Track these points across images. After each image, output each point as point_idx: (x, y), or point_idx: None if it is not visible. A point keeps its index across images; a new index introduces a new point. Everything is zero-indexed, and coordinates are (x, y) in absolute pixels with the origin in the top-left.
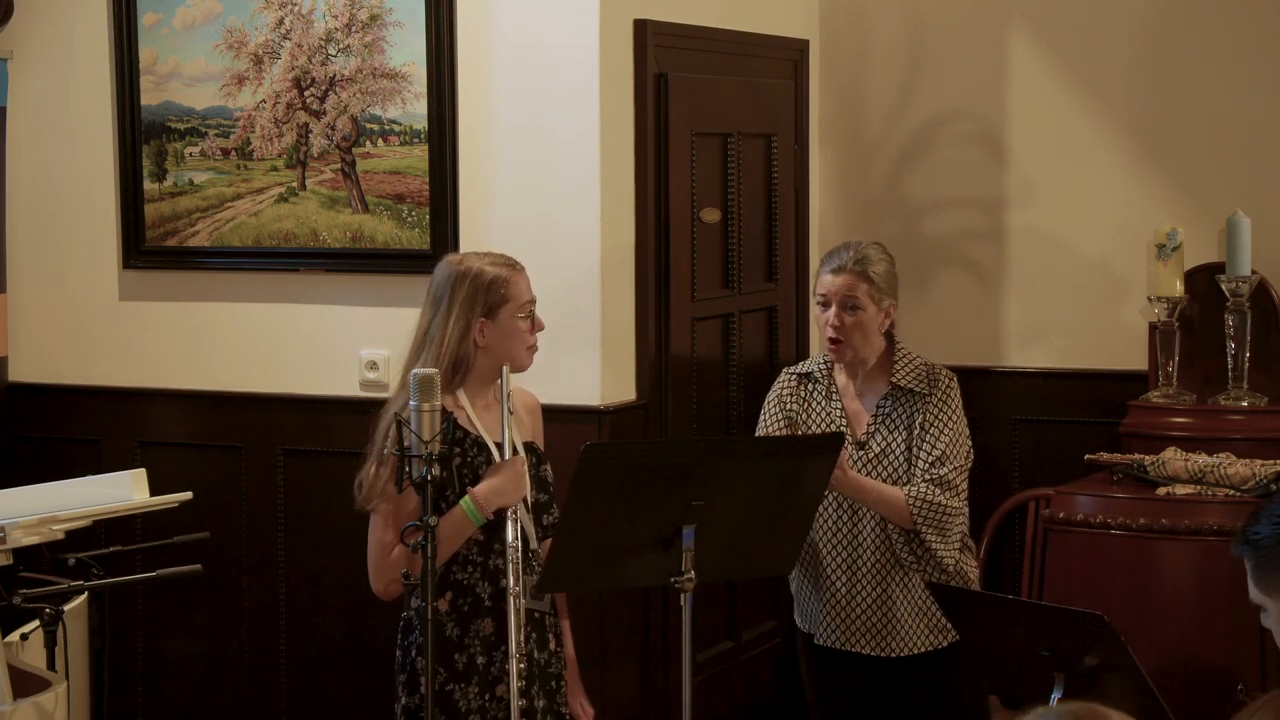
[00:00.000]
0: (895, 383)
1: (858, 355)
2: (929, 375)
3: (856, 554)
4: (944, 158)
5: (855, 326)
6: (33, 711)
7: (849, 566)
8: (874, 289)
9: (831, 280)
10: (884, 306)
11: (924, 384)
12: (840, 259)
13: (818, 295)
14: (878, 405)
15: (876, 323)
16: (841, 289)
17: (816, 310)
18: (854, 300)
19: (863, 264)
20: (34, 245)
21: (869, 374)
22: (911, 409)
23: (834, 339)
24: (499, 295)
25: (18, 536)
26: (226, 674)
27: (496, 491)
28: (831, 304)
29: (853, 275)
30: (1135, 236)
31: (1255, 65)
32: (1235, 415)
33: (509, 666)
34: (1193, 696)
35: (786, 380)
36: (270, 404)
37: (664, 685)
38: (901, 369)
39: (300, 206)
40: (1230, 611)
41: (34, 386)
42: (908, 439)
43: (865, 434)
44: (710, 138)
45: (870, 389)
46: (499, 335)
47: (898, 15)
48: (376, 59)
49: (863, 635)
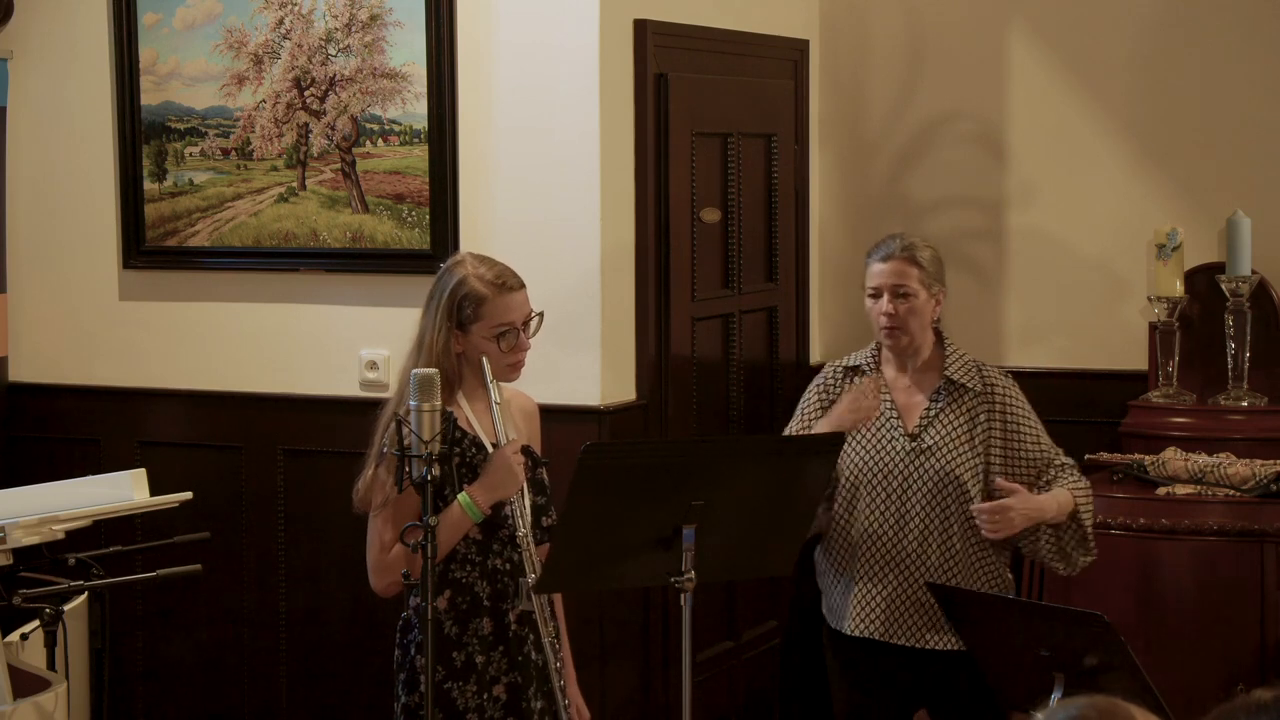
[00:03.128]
0: (949, 377)
1: (913, 342)
2: (980, 372)
3: (901, 546)
4: (944, 158)
5: (909, 313)
6: (33, 711)
7: (893, 559)
8: (924, 274)
9: (881, 269)
10: (934, 293)
11: (976, 380)
12: (887, 248)
13: (868, 288)
14: (930, 399)
15: (928, 309)
16: (891, 276)
17: (868, 303)
18: (905, 287)
19: (910, 250)
20: (34, 245)
21: (919, 368)
22: (969, 407)
23: (890, 326)
24: (469, 313)
25: (18, 536)
26: (226, 674)
27: (491, 485)
28: (883, 293)
29: (901, 261)
30: (1135, 236)
31: (1255, 65)
32: (1235, 415)
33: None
34: (1193, 696)
35: (832, 372)
36: (270, 404)
37: (664, 685)
38: (953, 364)
39: (300, 206)
40: (1230, 612)
41: (34, 386)
42: (969, 437)
43: (918, 427)
44: (710, 138)
45: (921, 383)
46: (473, 349)
47: (898, 15)
48: (376, 59)
49: (903, 627)
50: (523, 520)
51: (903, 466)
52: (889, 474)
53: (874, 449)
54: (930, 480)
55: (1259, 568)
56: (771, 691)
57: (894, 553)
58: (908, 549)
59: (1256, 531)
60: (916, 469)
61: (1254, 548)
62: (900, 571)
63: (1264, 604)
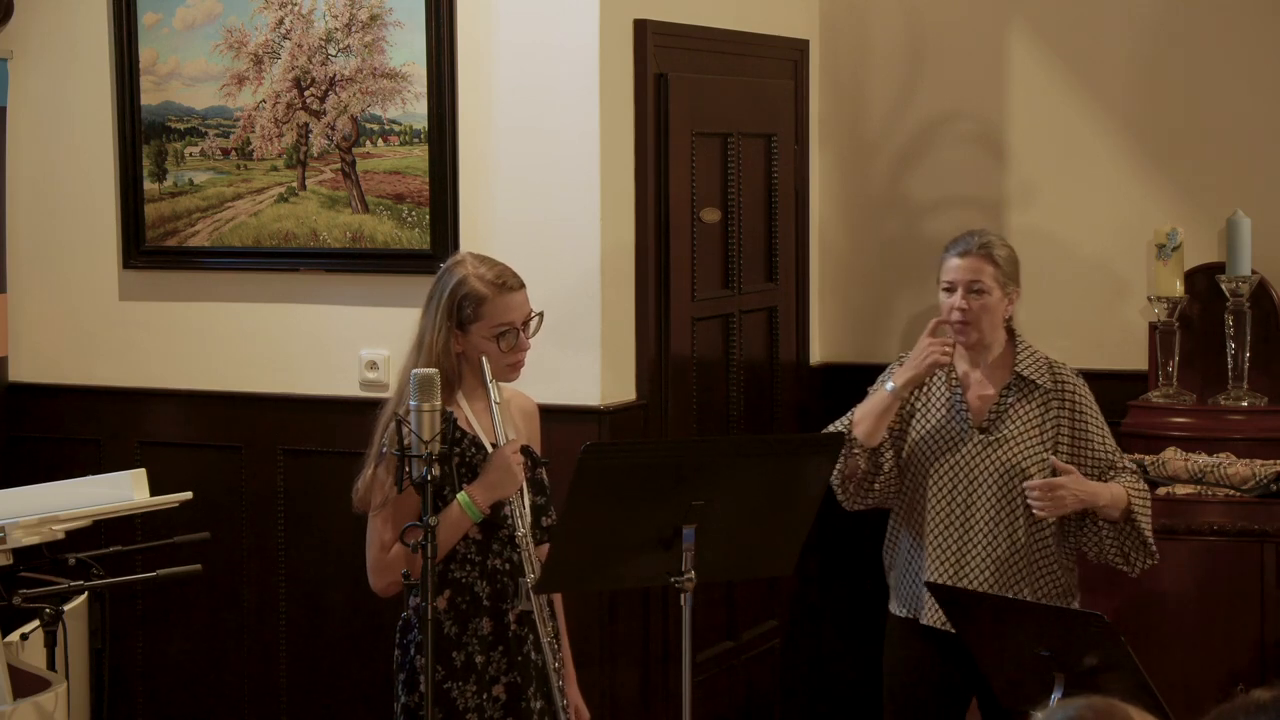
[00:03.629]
0: (1019, 373)
1: (983, 339)
2: (1050, 369)
3: (969, 539)
4: (944, 158)
5: (982, 310)
6: (33, 711)
7: (961, 552)
8: (999, 272)
9: (958, 264)
10: (1008, 291)
11: (1047, 377)
12: (965, 244)
13: (943, 282)
14: (1001, 394)
15: (1001, 308)
16: (967, 272)
17: (942, 297)
18: (979, 284)
19: (987, 248)
20: (34, 245)
21: (991, 364)
22: (1043, 403)
23: (962, 321)
24: (469, 313)
25: (18, 536)
26: (226, 674)
27: (490, 484)
28: (957, 288)
29: (978, 258)
30: (1135, 236)
31: (1255, 65)
32: (1235, 415)
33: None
34: (1193, 696)
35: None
36: (270, 404)
37: (664, 685)
38: (1024, 360)
39: (300, 206)
40: (1230, 611)
41: (34, 386)
42: (1039, 432)
43: (987, 421)
44: (710, 138)
45: (992, 378)
46: (472, 349)
47: (898, 15)
48: (376, 59)
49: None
50: (522, 520)
51: (971, 459)
52: (957, 466)
53: (943, 441)
54: (998, 473)
55: (1259, 568)
56: (771, 691)
57: (961, 545)
58: (975, 542)
59: (1256, 531)
60: (985, 462)
61: (1254, 548)
62: (968, 564)
63: (1264, 604)
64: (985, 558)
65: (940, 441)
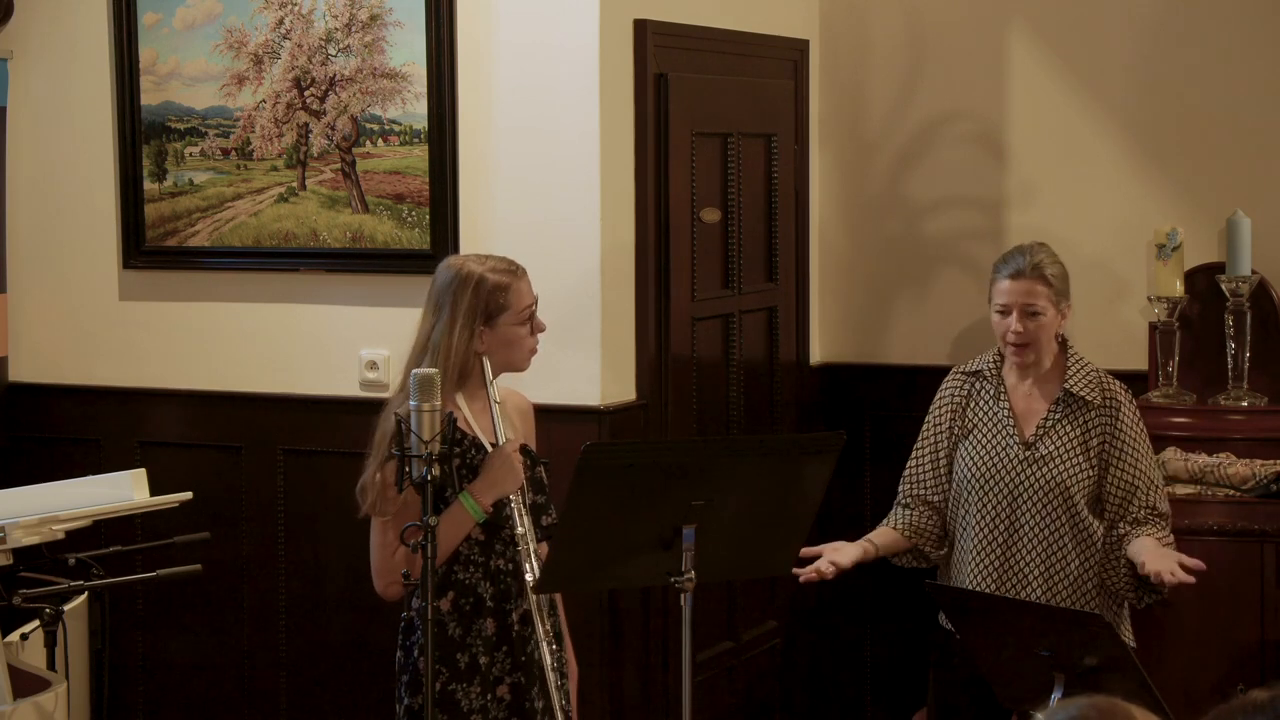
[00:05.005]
0: (1068, 389)
1: (1040, 360)
2: (1101, 384)
3: (1013, 553)
4: (944, 158)
5: (1038, 330)
6: (33, 711)
7: (1005, 567)
8: (1052, 292)
9: (1011, 286)
10: (1061, 308)
11: (1096, 393)
12: (1016, 264)
13: (996, 304)
14: (1049, 409)
15: (1055, 324)
16: (1021, 295)
17: (994, 318)
18: (1034, 306)
19: (1039, 268)
20: (34, 245)
21: (1041, 376)
22: (1087, 420)
23: (1019, 344)
24: (498, 303)
25: (18, 536)
26: (226, 674)
27: (491, 482)
28: (1011, 311)
29: (1031, 280)
30: (1135, 236)
31: (1255, 65)
32: (1235, 415)
33: (541, 650)
34: (1193, 696)
35: (954, 380)
36: (270, 404)
37: (664, 685)
38: (1075, 375)
39: (300, 206)
40: (1230, 611)
41: (34, 386)
42: (1084, 449)
43: (1034, 435)
44: (710, 138)
45: (1041, 391)
46: (498, 342)
47: (898, 15)
48: (376, 59)
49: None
50: (522, 519)
51: (1014, 473)
52: (1000, 480)
53: (988, 453)
54: (1040, 489)
55: (1259, 568)
56: (771, 691)
57: (1006, 560)
58: (1020, 557)
59: (1256, 531)
60: (1028, 477)
61: (1254, 548)
62: (1012, 580)
63: (1264, 604)
64: (1033, 574)
65: (986, 453)
